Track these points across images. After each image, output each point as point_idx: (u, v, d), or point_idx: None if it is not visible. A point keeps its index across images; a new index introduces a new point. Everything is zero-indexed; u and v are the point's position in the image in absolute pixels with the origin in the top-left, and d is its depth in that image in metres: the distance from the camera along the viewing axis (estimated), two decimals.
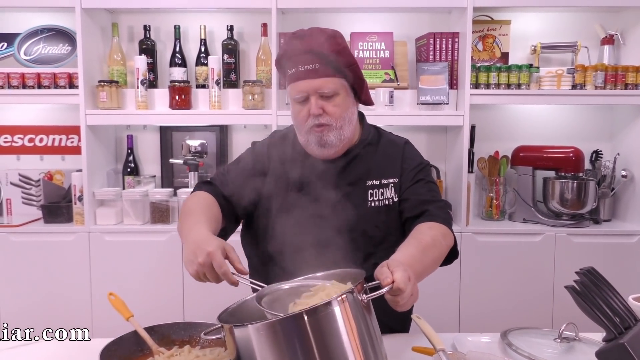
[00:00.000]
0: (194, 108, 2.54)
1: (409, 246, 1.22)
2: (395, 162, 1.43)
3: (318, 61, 1.28)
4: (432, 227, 1.32)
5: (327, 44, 1.28)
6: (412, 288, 1.03)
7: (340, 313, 0.91)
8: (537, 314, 2.45)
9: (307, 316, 0.89)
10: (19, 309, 2.46)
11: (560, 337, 1.28)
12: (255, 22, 2.65)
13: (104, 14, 2.64)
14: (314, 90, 1.29)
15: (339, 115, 1.32)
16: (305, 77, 1.29)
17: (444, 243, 1.30)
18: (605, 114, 2.75)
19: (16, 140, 2.80)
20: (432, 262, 1.25)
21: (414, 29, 2.68)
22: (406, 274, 1.01)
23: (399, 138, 1.50)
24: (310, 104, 1.30)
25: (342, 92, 1.32)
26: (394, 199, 1.40)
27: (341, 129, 1.33)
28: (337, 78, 1.30)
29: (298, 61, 1.29)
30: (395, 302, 1.02)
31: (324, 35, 1.29)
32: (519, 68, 2.44)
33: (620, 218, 2.66)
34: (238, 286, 1.10)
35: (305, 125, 1.33)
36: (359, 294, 0.96)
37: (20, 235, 2.45)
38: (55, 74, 2.50)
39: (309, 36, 1.30)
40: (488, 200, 2.64)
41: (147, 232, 2.46)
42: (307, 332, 0.89)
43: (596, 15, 2.68)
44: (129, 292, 1.28)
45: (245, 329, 0.91)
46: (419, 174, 1.43)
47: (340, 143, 1.35)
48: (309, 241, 1.29)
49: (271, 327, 0.90)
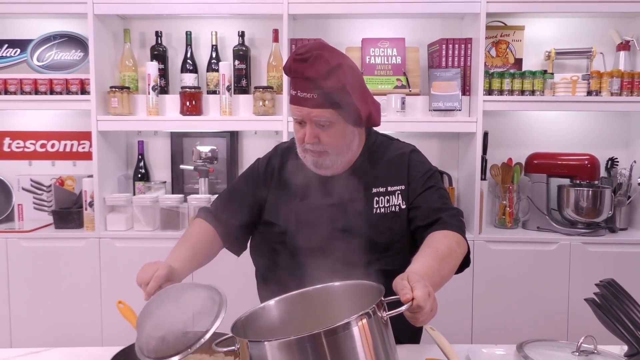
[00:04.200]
0: (204, 114, 2.54)
1: (425, 256, 1.20)
2: (401, 169, 1.40)
3: (317, 91, 1.24)
4: (447, 235, 1.29)
5: (328, 78, 1.23)
6: (431, 304, 1.01)
7: (359, 333, 0.89)
8: (551, 325, 2.40)
9: (324, 336, 0.87)
10: (29, 314, 2.46)
11: (578, 350, 1.24)
12: (266, 28, 2.65)
13: (116, 20, 2.65)
14: (309, 119, 1.27)
15: (334, 145, 1.30)
16: (302, 104, 1.26)
17: (459, 252, 1.28)
18: (621, 120, 2.71)
19: (28, 146, 2.81)
20: (448, 272, 1.23)
21: (426, 35, 2.66)
22: (426, 290, 0.99)
23: (405, 145, 1.47)
24: (306, 129, 1.29)
25: (340, 123, 1.29)
26: (402, 206, 1.38)
27: (338, 156, 1.33)
28: (334, 110, 1.27)
29: (299, 86, 1.27)
30: (415, 319, 1.00)
31: (327, 67, 1.23)
32: (533, 74, 2.41)
33: (636, 227, 2.61)
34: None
35: (302, 145, 1.33)
36: (379, 311, 0.93)
37: (32, 240, 2.45)
38: (68, 80, 2.51)
39: (312, 63, 1.24)
40: (501, 208, 2.60)
41: (158, 239, 2.45)
42: (325, 352, 0.87)
43: (611, 21, 2.64)
44: (139, 299, 1.27)
45: (261, 345, 0.89)
46: (428, 180, 1.40)
47: (337, 166, 1.35)
48: (314, 249, 1.28)
49: (287, 346, 0.88)
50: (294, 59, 1.27)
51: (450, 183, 2.65)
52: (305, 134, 1.29)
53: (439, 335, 1.12)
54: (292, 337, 0.87)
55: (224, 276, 2.40)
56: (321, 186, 1.38)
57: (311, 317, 1.10)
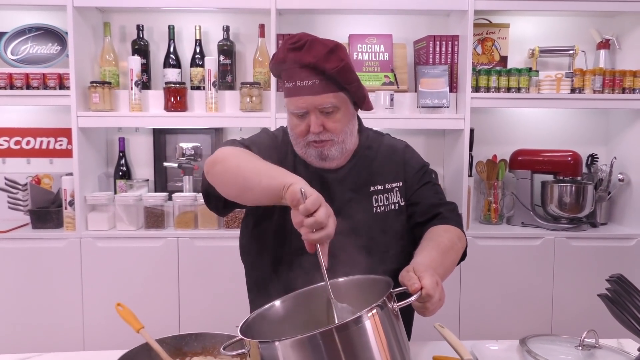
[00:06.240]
0: (189, 110, 2.48)
1: (429, 249, 1.19)
2: (397, 165, 1.39)
3: (319, 77, 1.21)
4: (448, 229, 1.29)
5: (329, 59, 1.20)
6: (440, 293, 1.00)
7: (371, 327, 0.87)
8: (537, 318, 2.45)
9: (337, 332, 0.85)
10: (7, 318, 2.36)
11: (581, 344, 1.25)
12: (252, 22, 2.60)
13: (95, 13, 2.56)
14: (314, 107, 1.23)
15: (340, 131, 1.27)
16: (304, 94, 1.22)
17: (459, 245, 1.29)
18: (600, 117, 2.77)
19: (2, 143, 2.69)
20: (451, 265, 1.23)
21: (412, 32, 2.66)
22: (434, 279, 0.99)
23: (398, 141, 1.46)
24: (310, 120, 1.25)
25: (343, 106, 1.26)
26: (400, 203, 1.37)
27: (343, 143, 1.29)
28: (338, 92, 1.24)
29: (297, 75, 1.22)
30: (425, 308, 0.99)
31: (326, 49, 1.20)
32: (518, 72, 2.44)
33: (616, 222, 2.67)
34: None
35: (304, 139, 1.28)
36: (389, 303, 0.92)
37: (7, 241, 2.35)
38: (45, 75, 2.42)
39: (308, 48, 1.21)
40: (486, 204, 2.63)
41: (141, 238, 2.38)
42: (338, 348, 0.85)
43: (592, 20, 2.70)
44: (123, 300, 1.22)
45: (273, 345, 0.87)
46: (424, 176, 1.40)
47: (342, 155, 1.32)
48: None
49: (299, 344, 0.86)
50: (288, 49, 1.23)
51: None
52: (309, 125, 1.25)
53: (448, 332, 1.12)
54: (304, 335, 0.86)
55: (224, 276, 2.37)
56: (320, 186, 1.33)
57: (319, 315, 1.08)
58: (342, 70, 1.21)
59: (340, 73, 1.21)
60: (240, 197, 1.16)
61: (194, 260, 2.37)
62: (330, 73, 1.20)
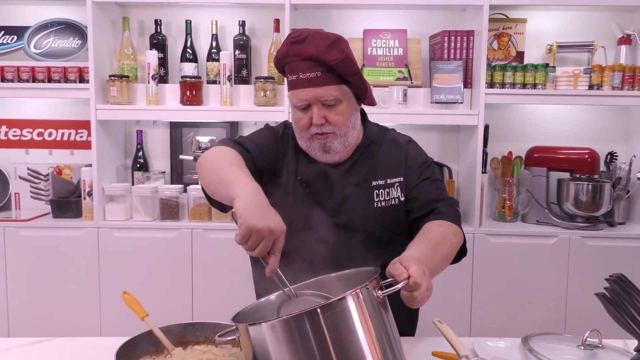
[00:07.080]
0: (205, 104, 2.52)
1: (419, 243, 1.19)
2: (399, 161, 1.39)
3: (320, 69, 1.23)
4: (441, 224, 1.29)
5: (330, 51, 1.22)
6: (427, 282, 1.01)
7: (355, 308, 0.89)
8: (550, 318, 2.42)
9: (321, 312, 0.87)
10: (27, 303, 2.44)
11: (583, 344, 1.25)
12: (267, 17, 2.62)
13: (115, 7, 2.61)
14: (316, 99, 1.25)
15: (342, 123, 1.28)
16: (306, 86, 1.24)
17: (453, 240, 1.27)
18: (620, 115, 2.71)
19: (25, 134, 2.78)
20: (442, 259, 1.21)
21: (428, 27, 2.64)
22: (420, 268, 1.00)
23: (402, 136, 1.46)
24: (312, 112, 1.26)
25: (345, 99, 1.28)
26: (400, 198, 1.37)
27: (345, 136, 1.30)
28: (340, 85, 1.26)
29: (299, 68, 1.24)
30: (412, 297, 0.99)
31: (327, 41, 1.22)
32: (535, 67, 2.41)
33: (635, 221, 2.62)
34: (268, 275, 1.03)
35: (308, 132, 1.30)
36: (374, 290, 0.93)
37: (30, 229, 2.43)
38: (66, 68, 2.48)
39: (310, 41, 1.23)
40: (501, 201, 2.61)
41: (157, 229, 2.44)
42: (322, 328, 0.87)
43: (613, 15, 2.64)
44: (137, 289, 1.26)
45: (260, 327, 0.90)
46: (424, 172, 1.40)
47: (344, 149, 1.33)
48: (315, 243, 1.26)
49: (285, 324, 0.88)
50: (290, 42, 1.25)
51: (451, 176, 2.65)
52: (312, 117, 1.27)
53: (446, 328, 1.12)
54: (289, 315, 0.88)
55: (236, 268, 2.41)
56: (322, 180, 1.35)
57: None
58: (343, 62, 1.22)
59: (341, 65, 1.22)
60: (221, 200, 1.15)
61: (207, 251, 2.42)
62: (332, 65, 1.22)
